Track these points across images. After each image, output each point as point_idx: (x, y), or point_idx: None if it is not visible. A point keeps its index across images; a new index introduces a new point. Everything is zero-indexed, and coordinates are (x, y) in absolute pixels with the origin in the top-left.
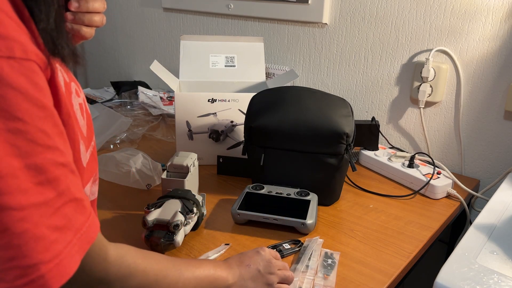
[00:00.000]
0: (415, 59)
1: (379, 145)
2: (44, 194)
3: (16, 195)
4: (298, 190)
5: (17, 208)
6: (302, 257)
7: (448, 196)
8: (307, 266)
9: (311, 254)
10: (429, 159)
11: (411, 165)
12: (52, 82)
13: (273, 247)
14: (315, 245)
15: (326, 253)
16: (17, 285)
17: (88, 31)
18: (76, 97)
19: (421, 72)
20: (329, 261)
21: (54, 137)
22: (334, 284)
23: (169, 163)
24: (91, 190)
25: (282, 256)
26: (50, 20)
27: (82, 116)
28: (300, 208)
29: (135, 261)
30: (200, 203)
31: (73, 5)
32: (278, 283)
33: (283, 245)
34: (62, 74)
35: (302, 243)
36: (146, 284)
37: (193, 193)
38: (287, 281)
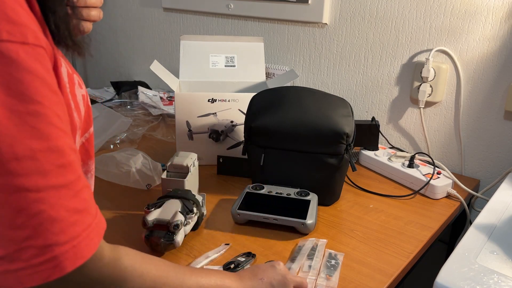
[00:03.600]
0: (415, 59)
1: (379, 145)
2: (65, 177)
3: (32, 177)
4: (298, 190)
5: (32, 190)
6: (298, 256)
7: (448, 196)
8: (310, 266)
9: (315, 254)
10: (429, 159)
11: (411, 165)
12: (55, 72)
13: (229, 263)
14: (319, 246)
15: (330, 254)
16: (32, 264)
17: (85, 25)
18: (79, 88)
19: (421, 72)
20: (333, 261)
21: (65, 123)
22: (337, 285)
23: (169, 163)
24: None
25: (240, 268)
26: (58, 8)
27: (83, 107)
28: (300, 208)
29: (132, 265)
30: (200, 203)
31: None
32: None
33: (238, 258)
34: (66, 66)
35: (255, 255)
36: (152, 282)
37: (193, 193)
38: None
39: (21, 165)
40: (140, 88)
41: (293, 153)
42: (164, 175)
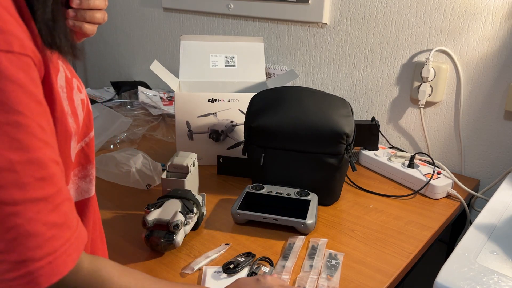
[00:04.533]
0: (415, 59)
1: (379, 145)
2: (45, 190)
3: (9, 190)
4: (298, 190)
5: (9, 203)
6: (290, 254)
7: (448, 196)
8: (311, 266)
9: (316, 254)
10: (429, 159)
11: (411, 165)
12: (46, 80)
13: (229, 263)
14: (320, 245)
15: (330, 254)
16: (4, 279)
17: (89, 28)
18: (77, 93)
19: (421, 72)
20: (333, 262)
21: (49, 134)
22: (338, 285)
23: (169, 163)
24: (79, 185)
25: (239, 267)
26: (46, 10)
27: (83, 112)
28: (300, 208)
29: (111, 278)
30: (200, 203)
31: (75, 2)
32: None
33: (238, 258)
34: (64, 70)
35: (254, 255)
36: None
37: (193, 193)
38: None
39: None
40: (140, 88)
41: (293, 153)
42: (164, 175)
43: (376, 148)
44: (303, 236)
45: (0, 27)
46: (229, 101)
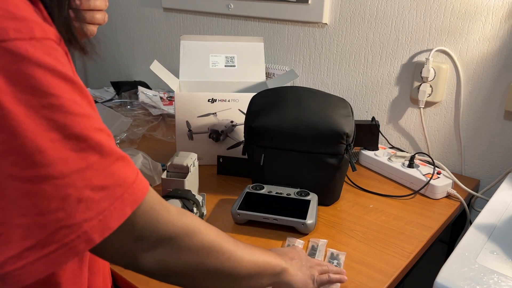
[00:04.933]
0: (415, 59)
1: (379, 145)
2: (86, 159)
3: (57, 165)
4: (298, 190)
5: (59, 177)
6: None
7: (448, 196)
8: None
9: (316, 254)
10: (429, 159)
11: (411, 165)
12: (68, 56)
13: None
14: (320, 246)
15: (332, 253)
16: (65, 243)
17: (89, 29)
18: None
19: (421, 72)
20: (335, 262)
21: (86, 106)
22: (339, 286)
23: (169, 163)
24: None
25: None
26: (58, 12)
27: None
28: (300, 208)
29: (193, 220)
30: (200, 203)
31: (74, 3)
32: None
33: None
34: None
35: None
36: (210, 243)
37: (193, 193)
38: (327, 272)
39: (45, 156)
40: (140, 88)
41: (293, 153)
42: (164, 175)
43: (376, 148)
44: (302, 242)
45: (19, 15)
46: (229, 101)
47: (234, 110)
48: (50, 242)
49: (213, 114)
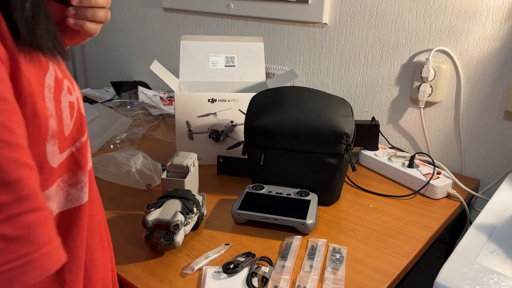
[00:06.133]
0: (415, 59)
1: (379, 145)
2: None
3: None
4: (298, 190)
5: None
6: (288, 254)
7: (448, 196)
8: (311, 266)
9: (315, 254)
10: (429, 159)
11: (411, 165)
12: (14, 79)
13: (229, 263)
14: (319, 245)
15: (334, 248)
16: None
17: (92, 27)
18: (67, 94)
19: (421, 72)
20: (337, 255)
21: (18, 134)
22: (344, 278)
23: (169, 163)
24: (69, 192)
25: (239, 267)
26: (26, 6)
27: (71, 115)
28: (300, 208)
29: None
30: (200, 203)
31: (75, 0)
32: None
33: (238, 258)
34: (55, 69)
35: (254, 254)
36: None
37: (193, 193)
38: None
39: None
40: (140, 88)
41: (293, 153)
42: (164, 175)
43: (376, 148)
44: (300, 236)
45: None
46: (229, 101)
47: (234, 110)
48: None
49: (213, 114)
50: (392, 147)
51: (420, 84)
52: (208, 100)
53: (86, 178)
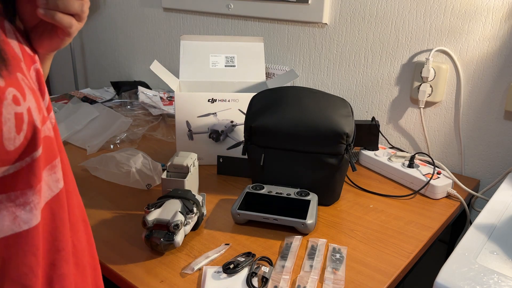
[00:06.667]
0: (415, 59)
1: (379, 145)
2: None
3: None
4: (298, 190)
5: None
6: (288, 254)
7: (448, 196)
8: (311, 266)
9: (315, 254)
10: (429, 159)
11: (411, 165)
12: None
13: (229, 263)
14: (319, 245)
15: (334, 248)
16: None
17: (65, 19)
18: (11, 104)
19: (421, 72)
20: (337, 255)
21: None
22: (344, 278)
23: (169, 163)
24: (16, 214)
25: (239, 268)
26: None
27: (17, 128)
28: (300, 208)
29: None
30: (200, 203)
31: None
32: None
33: (238, 258)
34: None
35: (254, 255)
36: None
37: (193, 193)
38: None
39: None
40: (140, 88)
41: (293, 153)
42: (164, 175)
43: (376, 148)
44: (300, 236)
45: None
46: (229, 101)
47: (234, 110)
48: None
49: (213, 114)
50: (392, 147)
51: (420, 84)
52: (208, 100)
53: (36, 198)
